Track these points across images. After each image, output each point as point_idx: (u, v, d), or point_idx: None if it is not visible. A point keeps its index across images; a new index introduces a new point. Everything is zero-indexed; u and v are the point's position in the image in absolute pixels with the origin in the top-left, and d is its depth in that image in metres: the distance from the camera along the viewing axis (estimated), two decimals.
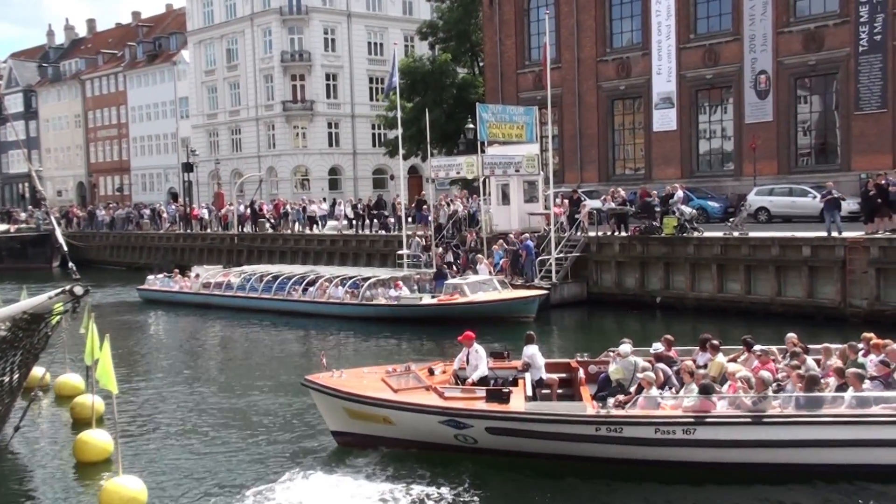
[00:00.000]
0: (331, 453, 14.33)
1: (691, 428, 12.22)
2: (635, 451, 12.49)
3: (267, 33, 66.34)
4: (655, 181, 39.53)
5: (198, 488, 12.89)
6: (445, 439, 13.37)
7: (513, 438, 12.99)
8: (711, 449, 12.28)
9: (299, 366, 20.20)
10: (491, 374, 14.98)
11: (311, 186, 65.37)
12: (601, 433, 12.48)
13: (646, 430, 12.35)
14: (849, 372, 12.54)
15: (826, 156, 37.45)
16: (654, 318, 26.44)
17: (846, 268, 23.92)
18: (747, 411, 12.25)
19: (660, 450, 12.40)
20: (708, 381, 12.79)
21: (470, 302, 26.27)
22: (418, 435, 13.62)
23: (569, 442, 12.76)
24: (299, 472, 13.23)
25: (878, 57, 34.42)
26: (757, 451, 12.23)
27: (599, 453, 12.71)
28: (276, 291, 31.63)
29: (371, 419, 13.85)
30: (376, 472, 13.04)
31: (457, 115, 51.13)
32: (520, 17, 48.12)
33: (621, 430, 12.40)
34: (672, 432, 12.26)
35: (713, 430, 12.21)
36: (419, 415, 13.39)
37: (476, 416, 13.02)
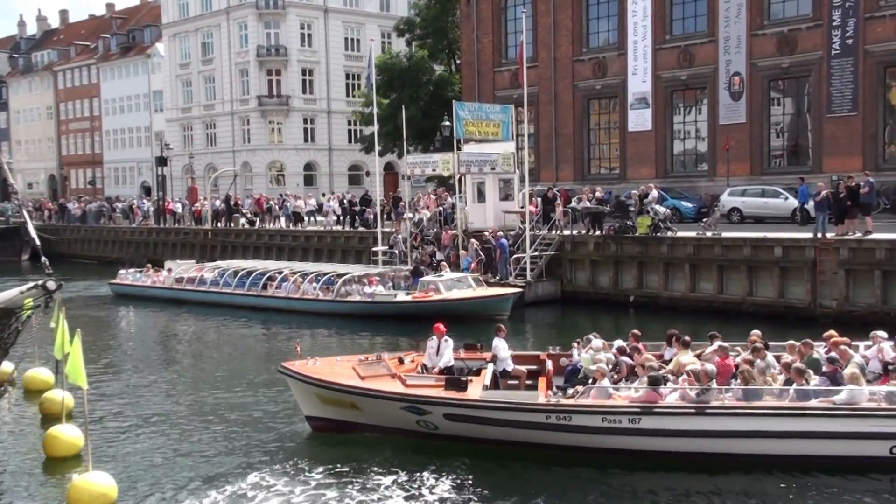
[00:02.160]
0: (304, 439, 14.89)
1: (637, 417, 12.74)
2: (584, 438, 13.03)
3: (243, 27, 65.99)
4: (630, 181, 39.76)
5: (170, 483, 12.82)
6: (409, 425, 13.99)
7: (470, 425, 13.56)
8: (656, 438, 12.77)
9: (273, 360, 20.11)
10: (461, 364, 15.55)
11: (287, 182, 65.13)
12: (551, 421, 13.06)
13: (593, 419, 12.89)
14: (792, 367, 13.06)
15: (798, 157, 37.84)
16: (628, 316, 26.58)
17: (816, 269, 24.18)
18: (691, 403, 12.71)
19: (607, 438, 12.92)
20: (657, 374, 13.21)
21: (444, 299, 26.29)
22: (384, 420, 14.25)
23: (522, 429, 13.30)
24: (271, 459, 13.59)
25: (849, 60, 34.81)
26: (700, 440, 12.67)
27: (551, 440, 13.25)
28: (249, 287, 31.48)
29: (340, 405, 14.48)
30: (344, 457, 13.51)
31: (433, 113, 51.14)
32: (497, 16, 48.20)
33: (570, 418, 12.98)
34: (619, 421, 12.79)
35: (658, 420, 12.73)
36: (382, 401, 14.00)
37: (435, 403, 13.63)
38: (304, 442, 14.86)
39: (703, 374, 12.93)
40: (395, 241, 33.15)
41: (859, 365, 13.29)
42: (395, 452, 13.66)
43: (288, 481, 12.60)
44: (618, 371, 14.26)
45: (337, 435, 14.70)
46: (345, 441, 14.46)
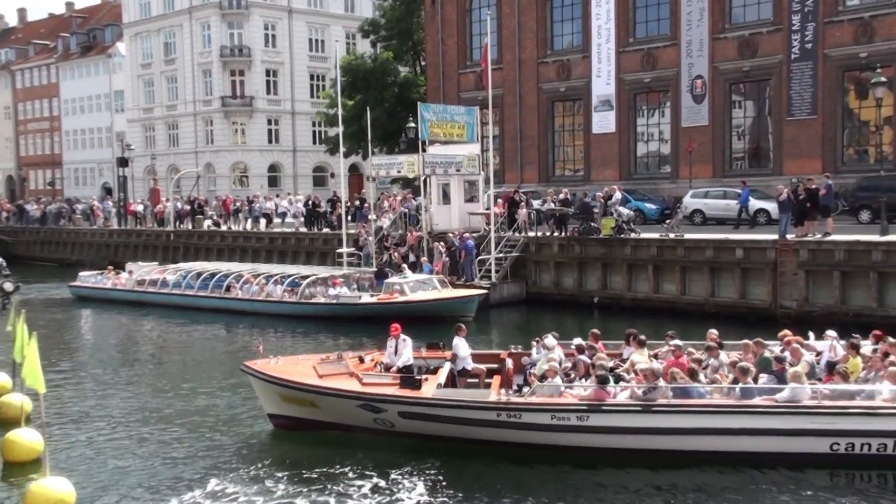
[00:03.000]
0: (266, 437, 15.08)
1: (585, 415, 12.99)
2: (534, 435, 13.29)
3: (206, 27, 65.45)
4: (594, 183, 40.00)
5: (130, 487, 12.66)
6: (366, 423, 14.23)
7: (424, 423, 13.83)
8: (604, 435, 13.03)
9: (237, 361, 19.90)
10: (423, 363, 15.82)
11: (251, 183, 64.68)
12: (502, 419, 13.29)
13: (542, 417, 13.15)
14: (737, 366, 13.41)
15: (759, 160, 38.31)
16: (592, 317, 26.71)
17: (777, 270, 24.47)
18: (638, 400, 13.00)
19: (557, 435, 13.18)
20: (604, 372, 13.44)
21: (409, 301, 26.25)
22: (342, 418, 14.49)
23: (474, 426, 13.53)
24: (233, 459, 13.71)
25: (808, 64, 35.30)
26: (647, 437, 12.93)
27: (502, 437, 13.48)
28: (213, 289, 31.20)
29: (300, 403, 14.69)
30: (304, 456, 13.73)
31: (398, 114, 51.08)
32: (462, 18, 48.27)
33: (520, 416, 13.21)
34: (567, 419, 13.05)
35: (606, 417, 12.98)
36: (340, 399, 14.25)
37: (389, 401, 13.88)
38: (266, 440, 15.00)
39: (649, 372, 13.20)
40: (366, 242, 32.96)
41: (809, 364, 13.60)
42: (354, 450, 13.83)
43: (249, 482, 12.65)
44: (575, 369, 14.48)
45: (298, 433, 14.85)
46: (306, 439, 14.64)
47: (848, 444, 12.41)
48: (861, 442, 12.37)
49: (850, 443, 12.40)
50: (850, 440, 12.39)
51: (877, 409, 12.38)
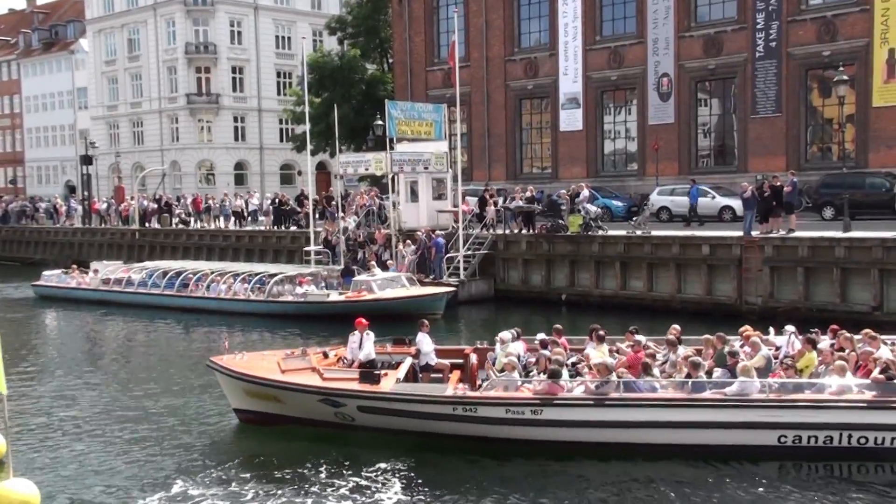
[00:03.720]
0: (232, 432, 15.36)
1: (538, 409, 13.20)
2: (490, 429, 13.47)
3: (170, 24, 64.84)
4: (562, 180, 40.16)
5: (95, 488, 12.53)
6: (328, 417, 14.41)
7: (383, 417, 14.04)
8: (558, 428, 13.26)
9: (203, 359, 19.76)
10: (387, 358, 15.96)
11: (217, 181, 64.20)
12: (458, 413, 13.51)
13: (497, 411, 13.36)
14: (688, 361, 13.68)
15: (724, 157, 38.67)
16: (560, 314, 26.81)
17: (742, 266, 24.71)
18: (590, 394, 13.25)
19: (511, 428, 13.39)
20: (555, 367, 13.60)
21: (377, 299, 26.19)
22: (304, 413, 14.67)
23: (431, 420, 13.75)
24: (199, 455, 13.89)
25: (773, 63, 35.69)
26: (598, 430, 13.17)
27: (459, 431, 13.67)
28: (179, 288, 30.93)
29: (264, 398, 14.91)
30: (268, 450, 14.02)
31: (366, 112, 50.95)
32: (429, 15, 48.23)
33: (475, 409, 13.43)
34: (522, 413, 13.26)
35: (559, 411, 13.21)
36: (301, 394, 14.47)
37: (348, 396, 14.09)
38: (231, 435, 15.23)
39: (602, 367, 13.46)
40: (338, 240, 32.74)
41: (766, 358, 13.83)
42: (316, 444, 14.07)
43: (213, 477, 12.74)
44: (538, 364, 14.67)
45: (263, 427, 15.02)
46: (270, 433, 14.82)
47: (795, 437, 12.67)
48: (808, 434, 12.63)
49: (797, 435, 12.66)
50: (797, 432, 12.65)
51: (823, 402, 12.62)
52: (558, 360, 14.00)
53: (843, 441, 12.53)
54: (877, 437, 12.46)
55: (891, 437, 12.43)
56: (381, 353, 16.04)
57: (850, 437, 12.50)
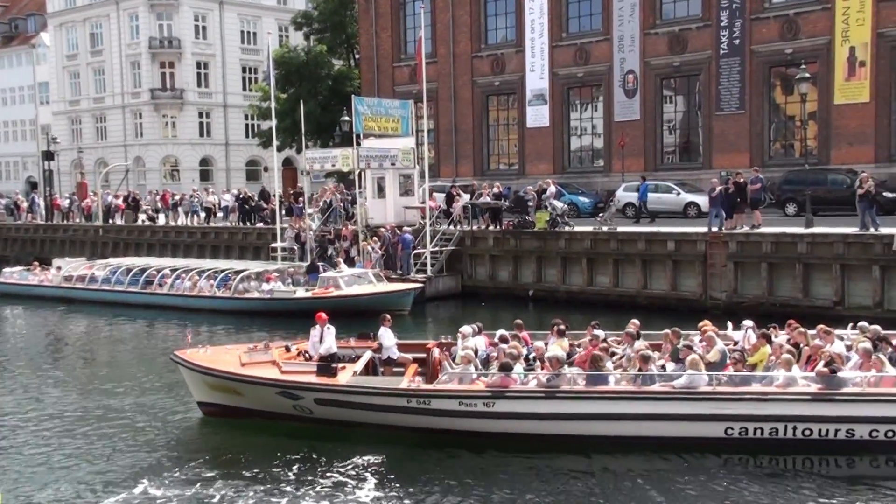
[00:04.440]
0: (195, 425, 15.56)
1: (491, 401, 13.42)
2: (443, 421, 13.75)
3: (134, 18, 64.11)
4: (529, 176, 40.27)
5: (60, 488, 12.37)
6: (287, 409, 14.61)
7: (340, 409, 14.27)
8: (510, 420, 13.47)
9: (167, 355, 19.64)
10: (350, 352, 16.10)
11: (181, 177, 63.62)
12: (412, 405, 13.75)
13: (450, 403, 13.61)
14: (638, 354, 13.89)
15: (689, 154, 39.01)
16: (527, 310, 26.88)
17: (707, 262, 24.94)
18: (541, 387, 13.48)
19: (464, 421, 13.62)
20: (507, 360, 13.88)
21: (344, 295, 26.10)
22: (264, 405, 14.85)
23: (386, 413, 13.97)
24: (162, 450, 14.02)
25: (736, 60, 36.05)
26: (550, 422, 13.38)
27: (413, 423, 13.93)
28: (143, 285, 30.62)
29: (225, 391, 15.13)
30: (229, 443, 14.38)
31: (332, 107, 50.74)
32: (395, 11, 48.12)
33: (429, 402, 13.68)
34: (474, 405, 13.48)
35: (511, 404, 13.43)
36: (259, 387, 14.67)
37: (305, 389, 14.32)
38: (194, 428, 15.45)
39: (554, 360, 13.68)
40: (308, 237, 32.50)
41: (721, 352, 14.05)
42: (275, 437, 14.35)
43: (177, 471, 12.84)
44: (498, 358, 14.81)
45: (226, 419, 15.24)
46: (232, 426, 15.05)
47: (742, 429, 12.87)
48: (754, 426, 12.85)
49: (743, 427, 12.86)
50: (743, 424, 12.86)
51: (768, 395, 12.86)
52: (511, 354, 14.25)
53: (788, 433, 12.77)
54: (821, 430, 12.69)
55: (834, 429, 12.66)
56: (343, 347, 16.17)
57: (795, 430, 12.74)
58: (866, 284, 22.10)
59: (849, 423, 12.60)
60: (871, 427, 12.55)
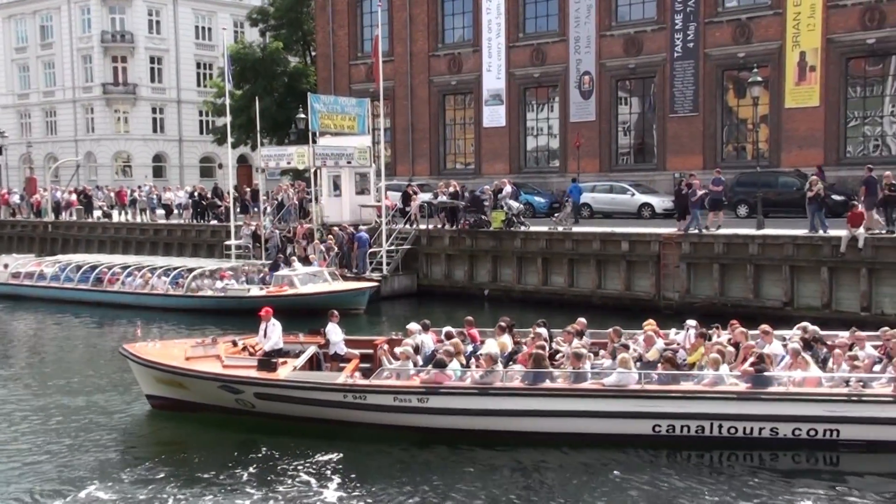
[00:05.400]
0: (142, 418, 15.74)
1: (424, 397, 13.66)
2: (379, 416, 13.93)
3: (85, 11, 63.11)
4: (485, 176, 40.36)
5: (9, 488, 12.14)
6: (230, 403, 14.84)
7: (280, 403, 14.46)
8: (443, 416, 13.72)
9: (117, 353, 19.45)
10: (299, 347, 16.22)
11: (134, 173, 62.76)
12: (349, 400, 14.00)
13: (386, 398, 13.83)
14: (571, 352, 14.16)
15: (644, 155, 39.39)
16: (483, 309, 26.93)
17: (660, 262, 25.20)
18: (475, 384, 13.70)
19: (399, 416, 13.84)
20: (441, 356, 14.11)
21: (299, 294, 25.94)
22: (209, 399, 15.06)
23: (324, 407, 14.21)
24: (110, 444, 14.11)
25: (690, 63, 36.48)
26: (482, 418, 13.62)
27: (350, 418, 14.15)
28: (94, 282, 30.15)
29: (171, 384, 15.33)
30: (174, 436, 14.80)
31: (288, 105, 50.43)
32: (352, 8, 47.93)
33: (365, 397, 13.92)
34: (409, 400, 13.72)
35: (444, 399, 13.67)
36: (201, 381, 14.89)
37: (245, 383, 14.54)
38: (143, 421, 15.63)
39: (487, 358, 14.00)
40: (272, 234, 32.13)
41: (659, 351, 14.32)
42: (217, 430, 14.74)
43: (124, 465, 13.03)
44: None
45: (174, 412, 15.45)
46: (180, 419, 15.28)
47: (669, 426, 13.12)
48: (681, 424, 13.09)
49: (671, 424, 13.11)
50: (671, 422, 13.10)
51: (695, 393, 13.10)
52: (447, 351, 14.42)
53: (714, 431, 13.01)
54: (745, 428, 12.94)
55: (759, 427, 12.90)
56: (292, 342, 16.43)
57: (721, 427, 12.98)
58: (815, 285, 22.49)
59: (773, 422, 12.87)
60: (794, 426, 12.83)
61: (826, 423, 12.75)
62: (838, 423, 12.71)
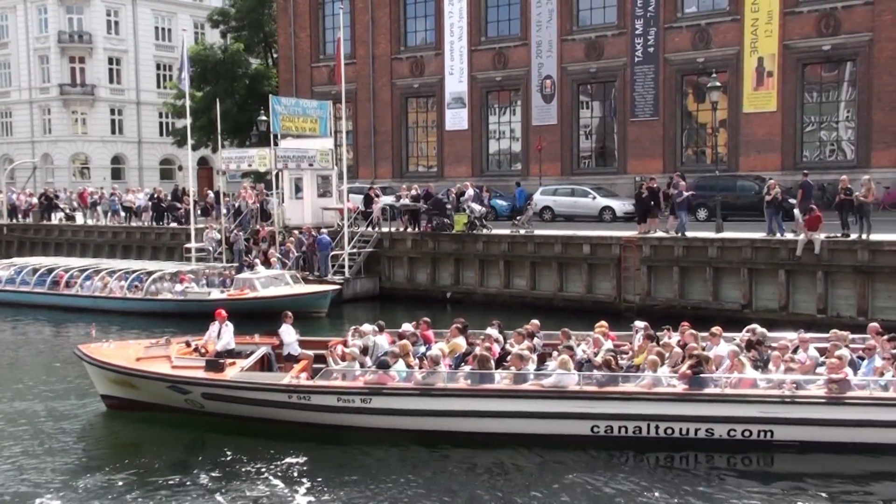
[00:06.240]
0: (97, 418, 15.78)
1: (367, 398, 13.83)
2: (323, 416, 14.07)
3: (42, 11, 62.20)
4: (447, 179, 40.41)
5: None
6: (179, 403, 14.99)
7: (227, 404, 14.61)
8: (386, 416, 13.91)
9: (74, 355, 19.26)
10: (254, 348, 16.24)
11: (92, 175, 61.93)
12: (293, 400, 14.11)
13: (329, 399, 13.98)
14: (512, 354, 14.34)
15: (605, 159, 39.71)
16: (445, 312, 26.94)
17: (621, 265, 25.39)
18: (416, 385, 13.88)
19: (343, 416, 14.00)
20: (385, 358, 14.28)
21: (260, 297, 25.76)
22: (159, 399, 15.17)
23: (269, 408, 14.35)
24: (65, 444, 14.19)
25: (651, 68, 36.85)
26: (424, 419, 13.80)
27: (295, 418, 14.28)
28: (50, 285, 29.67)
29: (123, 384, 15.46)
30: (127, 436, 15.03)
31: (249, 107, 50.04)
32: (314, 11, 47.77)
33: (309, 398, 14.03)
34: (352, 401, 13.88)
35: (387, 400, 13.85)
36: (150, 381, 15.02)
37: (192, 383, 14.69)
38: (98, 421, 15.67)
39: (429, 360, 14.22)
40: (237, 237, 31.79)
41: (608, 351, 14.51)
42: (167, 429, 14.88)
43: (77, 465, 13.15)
44: None
45: (127, 413, 15.54)
46: (134, 419, 15.36)
47: (607, 427, 13.28)
48: (619, 425, 13.26)
49: (608, 425, 13.27)
50: (608, 423, 13.26)
51: (632, 395, 13.28)
52: (392, 352, 14.53)
53: (651, 431, 13.18)
54: (682, 428, 13.11)
55: (695, 428, 13.07)
56: (246, 343, 16.50)
57: (658, 428, 13.15)
58: (773, 288, 22.79)
59: (708, 423, 13.03)
60: (729, 427, 12.99)
61: (760, 424, 12.93)
62: (772, 425, 12.91)
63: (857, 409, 12.71)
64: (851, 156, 33.76)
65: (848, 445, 12.70)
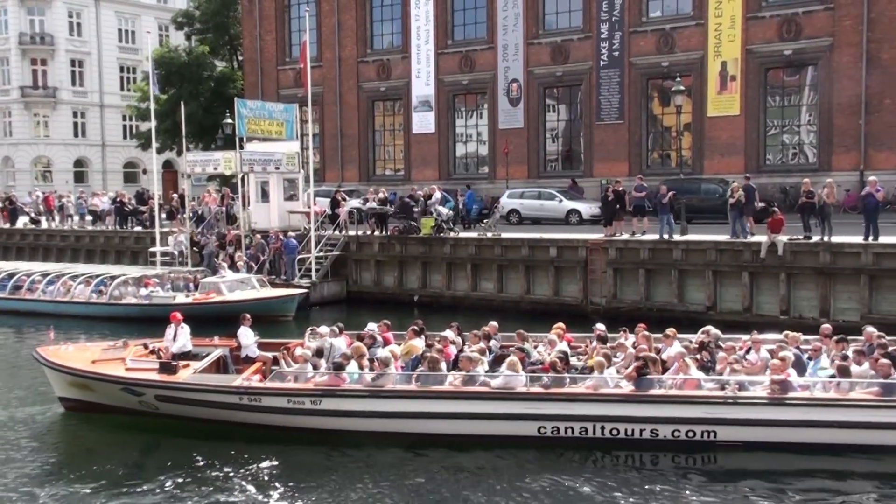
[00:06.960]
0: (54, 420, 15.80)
1: (318, 399, 13.91)
2: (274, 418, 14.18)
3: (2, 12, 61.32)
4: (414, 182, 40.38)
5: None
6: (134, 405, 15.04)
7: (180, 405, 14.71)
8: (336, 418, 13.97)
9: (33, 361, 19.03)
10: (211, 349, 16.39)
11: (54, 179, 61.12)
12: (245, 402, 14.19)
13: (280, 401, 14.08)
14: (461, 356, 14.49)
15: (571, 162, 39.92)
16: (412, 315, 26.90)
17: (588, 268, 25.51)
18: (366, 386, 13.97)
19: (293, 418, 14.10)
20: (339, 359, 14.39)
21: (226, 301, 25.57)
22: (115, 401, 15.23)
23: (221, 409, 14.44)
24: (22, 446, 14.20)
25: (616, 71, 37.11)
26: (375, 420, 13.85)
27: (247, 420, 14.35)
28: (11, 290, 29.22)
29: (79, 387, 15.52)
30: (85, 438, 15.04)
31: (215, 110, 49.76)
32: (280, 13, 47.57)
33: (260, 399, 14.12)
34: (302, 403, 13.96)
35: (337, 402, 13.93)
36: (104, 383, 15.11)
37: (145, 385, 14.79)
38: (56, 424, 15.68)
39: (380, 361, 14.31)
40: (207, 241, 31.48)
41: (561, 352, 14.68)
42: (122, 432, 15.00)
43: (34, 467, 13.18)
44: None
45: (86, 414, 15.58)
46: (91, 421, 15.42)
47: (554, 428, 13.42)
48: (565, 426, 13.41)
49: (555, 426, 13.41)
50: (555, 424, 13.40)
51: (578, 396, 13.42)
52: (345, 354, 14.63)
53: (597, 432, 13.31)
54: (627, 429, 13.26)
55: (640, 428, 13.23)
56: (205, 346, 16.64)
57: (604, 429, 13.29)
58: (737, 290, 23.01)
59: (653, 424, 13.18)
60: (673, 427, 13.14)
61: (704, 424, 13.07)
62: (715, 425, 13.06)
63: (798, 410, 12.90)
64: (813, 159, 34.21)
65: (790, 445, 12.86)
